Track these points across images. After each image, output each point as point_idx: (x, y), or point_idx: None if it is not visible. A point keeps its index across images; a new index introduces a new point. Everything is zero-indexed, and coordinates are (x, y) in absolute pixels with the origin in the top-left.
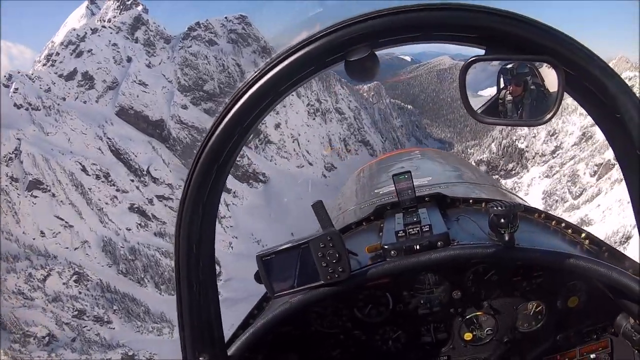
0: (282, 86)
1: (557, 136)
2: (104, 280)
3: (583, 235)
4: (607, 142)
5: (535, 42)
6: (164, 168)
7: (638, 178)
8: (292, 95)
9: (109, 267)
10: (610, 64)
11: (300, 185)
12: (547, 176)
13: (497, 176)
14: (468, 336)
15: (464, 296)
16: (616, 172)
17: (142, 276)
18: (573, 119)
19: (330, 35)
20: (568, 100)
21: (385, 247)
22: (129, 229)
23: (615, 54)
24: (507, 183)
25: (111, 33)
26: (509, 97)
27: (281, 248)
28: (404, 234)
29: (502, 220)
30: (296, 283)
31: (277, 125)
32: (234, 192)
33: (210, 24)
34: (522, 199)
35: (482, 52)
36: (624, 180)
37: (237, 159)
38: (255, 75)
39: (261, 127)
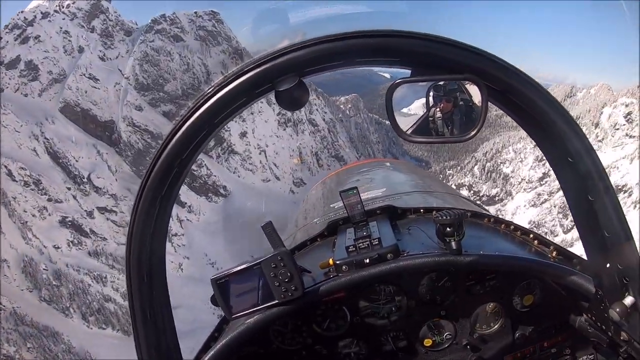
0: (215, 119)
1: (545, 162)
2: (20, 310)
3: (532, 236)
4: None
5: (457, 62)
6: (109, 176)
7: (570, 182)
8: (262, 102)
9: (30, 292)
10: (592, 91)
11: (266, 201)
12: (533, 205)
13: (479, 202)
14: (428, 342)
15: (420, 304)
16: None
17: (68, 305)
18: None
19: (258, 67)
20: None
21: (337, 262)
22: (58, 247)
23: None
24: (490, 210)
25: (64, 19)
26: (439, 115)
27: (235, 270)
28: (354, 248)
29: (448, 229)
30: (252, 304)
31: (243, 134)
32: (189, 207)
33: (177, 18)
34: (477, 204)
35: (408, 72)
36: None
37: (195, 169)
38: (190, 110)
39: (224, 135)
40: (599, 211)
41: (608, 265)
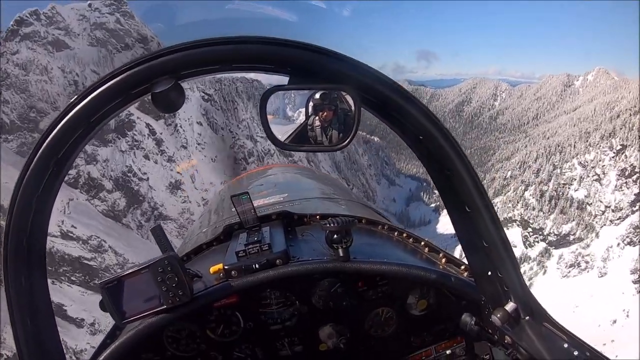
0: (91, 118)
1: (636, 177)
2: None
3: (422, 243)
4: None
5: (334, 71)
6: None
7: (449, 195)
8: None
9: None
10: (590, 76)
11: None
12: (630, 243)
13: (546, 245)
14: (323, 347)
15: (314, 309)
16: None
17: None
18: None
19: (134, 68)
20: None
21: (226, 267)
22: None
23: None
24: (566, 255)
25: None
26: (318, 123)
27: (123, 274)
28: (244, 253)
29: (335, 236)
30: (142, 309)
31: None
32: None
33: (59, 14)
34: (378, 212)
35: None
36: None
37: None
38: (66, 108)
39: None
40: (477, 222)
41: (489, 273)
